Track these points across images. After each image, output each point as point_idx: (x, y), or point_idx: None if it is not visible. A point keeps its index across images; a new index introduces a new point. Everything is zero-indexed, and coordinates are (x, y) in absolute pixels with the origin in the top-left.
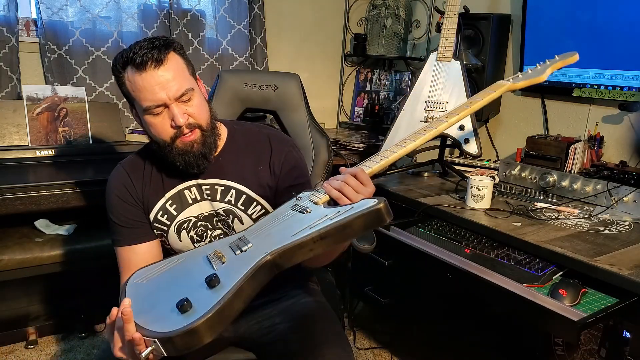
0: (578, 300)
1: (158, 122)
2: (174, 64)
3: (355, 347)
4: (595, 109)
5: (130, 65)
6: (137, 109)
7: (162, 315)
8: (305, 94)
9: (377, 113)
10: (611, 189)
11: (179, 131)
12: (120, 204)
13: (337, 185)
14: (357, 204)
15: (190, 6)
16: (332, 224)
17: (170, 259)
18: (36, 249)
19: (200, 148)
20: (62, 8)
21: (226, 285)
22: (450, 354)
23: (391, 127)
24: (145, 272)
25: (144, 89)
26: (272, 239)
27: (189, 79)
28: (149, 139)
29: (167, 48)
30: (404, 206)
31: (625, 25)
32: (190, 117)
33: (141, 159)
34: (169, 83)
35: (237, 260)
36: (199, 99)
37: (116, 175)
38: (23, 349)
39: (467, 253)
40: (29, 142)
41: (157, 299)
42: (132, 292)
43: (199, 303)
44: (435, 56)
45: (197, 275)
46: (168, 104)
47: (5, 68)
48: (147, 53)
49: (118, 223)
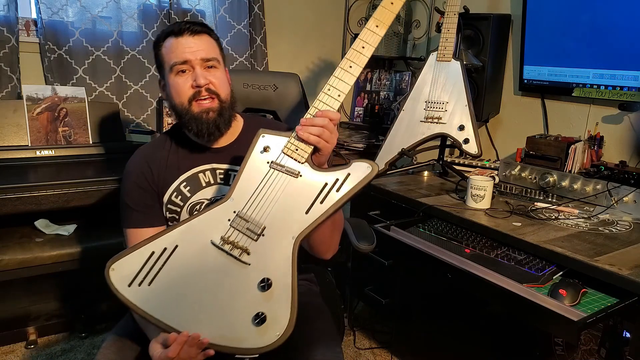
0: (578, 300)
1: (181, 82)
2: (207, 39)
3: (355, 347)
4: (595, 109)
5: (170, 35)
6: (165, 73)
7: (231, 328)
8: (305, 94)
9: (377, 113)
10: (611, 189)
11: (198, 93)
12: (136, 189)
13: (316, 132)
14: (352, 169)
15: (190, 6)
16: (341, 198)
17: (149, 246)
18: (36, 249)
19: (215, 117)
20: (62, 8)
21: (278, 284)
22: (450, 354)
23: (391, 127)
24: (131, 268)
25: (176, 49)
26: (285, 217)
27: (218, 55)
28: (170, 108)
29: (204, 28)
30: (404, 206)
31: (625, 25)
32: (211, 84)
33: (161, 143)
34: (200, 47)
35: (262, 247)
36: (223, 74)
37: (134, 161)
38: (23, 349)
39: (467, 253)
40: (29, 142)
41: (194, 309)
42: (141, 299)
43: (272, 314)
44: (435, 56)
45: (229, 272)
46: (193, 65)
47: (5, 68)
48: (186, 24)
49: (131, 206)
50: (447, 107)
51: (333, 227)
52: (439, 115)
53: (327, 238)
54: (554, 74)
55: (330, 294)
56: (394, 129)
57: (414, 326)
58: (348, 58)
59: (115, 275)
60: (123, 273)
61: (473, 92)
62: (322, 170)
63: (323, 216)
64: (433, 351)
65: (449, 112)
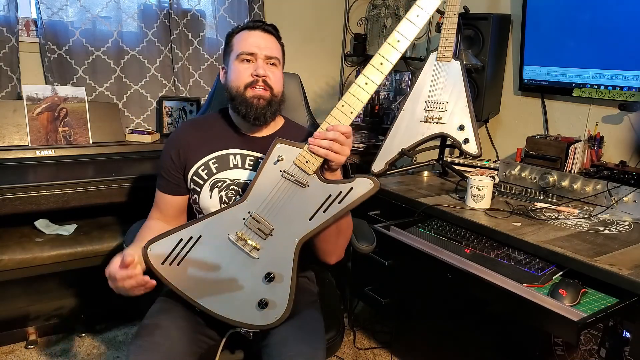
0: (578, 300)
1: (242, 69)
2: (274, 41)
3: (355, 347)
4: (595, 109)
5: (245, 29)
6: (230, 58)
7: (239, 307)
8: (305, 94)
9: (377, 113)
10: (611, 189)
11: (255, 82)
12: (169, 161)
13: (326, 145)
14: (355, 184)
15: (190, 6)
16: (342, 209)
17: (179, 234)
18: (36, 249)
19: (264, 105)
20: (62, 8)
21: (280, 278)
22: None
23: (391, 127)
24: (164, 250)
25: (246, 40)
26: (291, 221)
27: (281, 57)
28: (226, 90)
29: (275, 32)
30: (404, 206)
31: (625, 25)
32: (268, 78)
33: (204, 120)
34: (267, 45)
35: (270, 245)
36: (280, 74)
37: (176, 137)
38: (23, 349)
39: (467, 253)
40: (29, 142)
41: (211, 288)
42: (170, 275)
43: (272, 301)
44: (435, 56)
45: (242, 264)
46: (257, 57)
47: (5, 68)
48: (260, 22)
49: (162, 174)
50: (447, 107)
51: (338, 233)
52: (439, 115)
53: (332, 242)
54: (554, 74)
55: (330, 294)
56: (394, 129)
57: (414, 326)
58: (364, 74)
59: (152, 254)
60: (158, 253)
61: (473, 92)
62: (328, 182)
63: (325, 224)
64: (433, 351)
65: (448, 112)
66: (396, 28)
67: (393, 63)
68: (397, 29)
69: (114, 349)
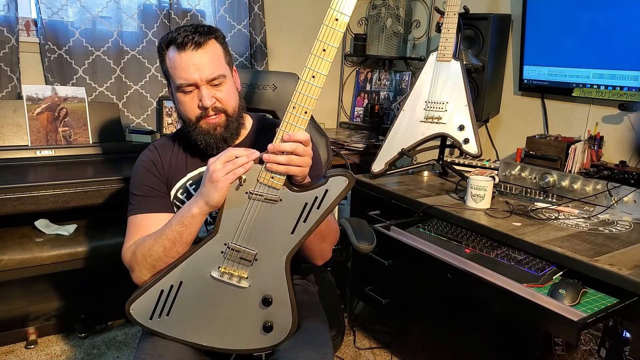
0: (578, 300)
1: (187, 101)
2: (212, 50)
3: (355, 347)
4: (595, 109)
5: (173, 44)
6: (172, 86)
7: (245, 337)
8: None
9: (377, 113)
10: (611, 189)
11: (205, 112)
12: (146, 174)
13: (283, 160)
14: (329, 185)
15: (190, 6)
16: (322, 214)
17: (158, 286)
18: (36, 249)
19: (222, 131)
20: (62, 8)
21: (278, 298)
22: (450, 354)
23: (391, 127)
24: (148, 306)
25: (180, 67)
26: (273, 240)
27: (224, 66)
28: (178, 117)
29: (208, 34)
30: (404, 206)
31: (625, 25)
32: (218, 102)
33: (171, 141)
34: (204, 66)
35: (257, 270)
36: (230, 87)
37: (147, 153)
38: (23, 349)
39: (467, 253)
40: (29, 142)
41: (211, 327)
42: (164, 327)
43: (277, 322)
44: (435, 56)
45: (233, 298)
46: (199, 85)
47: (5, 68)
48: (189, 35)
49: (139, 194)
50: (447, 107)
51: (322, 239)
52: (439, 115)
53: (317, 248)
54: (553, 74)
55: (330, 294)
56: (394, 129)
57: (414, 326)
58: (308, 66)
59: (136, 313)
60: (142, 311)
61: (473, 92)
62: (301, 190)
63: (308, 233)
64: (433, 351)
65: (449, 112)
66: (330, 5)
67: (336, 46)
68: (331, 5)
69: (114, 349)
